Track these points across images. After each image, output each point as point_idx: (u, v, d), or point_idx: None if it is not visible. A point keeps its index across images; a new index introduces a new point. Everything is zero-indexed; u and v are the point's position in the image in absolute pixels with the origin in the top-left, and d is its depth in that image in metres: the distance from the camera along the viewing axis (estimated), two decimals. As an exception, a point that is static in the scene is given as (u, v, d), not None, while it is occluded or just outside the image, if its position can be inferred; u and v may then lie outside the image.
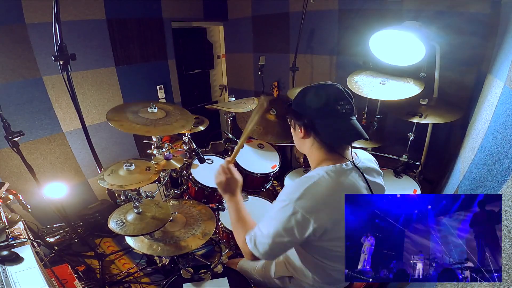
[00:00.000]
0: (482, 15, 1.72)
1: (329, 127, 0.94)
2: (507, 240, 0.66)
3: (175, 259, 1.43)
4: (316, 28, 2.55)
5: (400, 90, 1.79)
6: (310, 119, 0.96)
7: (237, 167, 1.95)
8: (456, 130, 1.92)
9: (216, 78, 3.67)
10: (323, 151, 0.99)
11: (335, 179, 0.91)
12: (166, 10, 2.75)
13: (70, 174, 2.43)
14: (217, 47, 3.50)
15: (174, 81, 3.02)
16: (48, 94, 2.18)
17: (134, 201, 1.30)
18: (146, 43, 2.69)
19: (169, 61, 2.92)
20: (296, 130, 1.02)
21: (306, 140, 1.01)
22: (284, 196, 0.91)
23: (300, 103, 0.98)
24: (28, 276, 1.04)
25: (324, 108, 0.93)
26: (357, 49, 2.12)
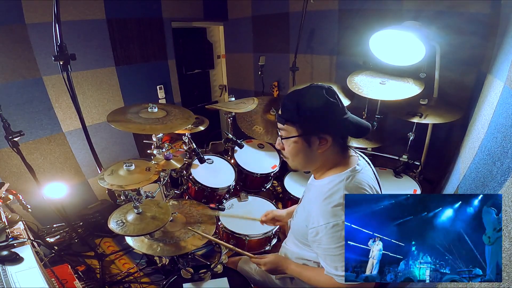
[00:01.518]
0: (482, 15, 1.72)
1: (342, 123, 0.93)
2: (507, 240, 0.66)
3: (175, 259, 1.43)
4: (316, 28, 2.55)
5: (400, 90, 1.79)
6: (323, 122, 0.92)
7: (237, 167, 1.96)
8: (456, 130, 1.92)
9: (216, 78, 3.67)
10: (336, 154, 0.97)
11: (360, 182, 0.92)
12: (166, 10, 2.75)
13: (70, 174, 2.43)
14: (217, 47, 3.50)
15: (174, 81, 3.02)
16: (48, 94, 2.18)
17: (134, 201, 1.30)
18: (146, 43, 2.69)
19: (169, 61, 2.92)
20: (314, 145, 0.94)
21: (323, 152, 0.94)
22: (324, 221, 0.88)
23: (311, 109, 0.91)
24: (28, 276, 1.04)
25: (328, 105, 0.91)
26: (357, 49, 2.12)
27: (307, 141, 0.94)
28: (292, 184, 2.00)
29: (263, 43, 3.08)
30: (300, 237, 1.09)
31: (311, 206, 0.96)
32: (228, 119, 2.05)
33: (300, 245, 1.12)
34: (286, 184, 1.99)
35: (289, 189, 1.92)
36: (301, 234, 1.07)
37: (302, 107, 0.92)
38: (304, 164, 1.01)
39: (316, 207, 0.92)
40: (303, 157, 0.98)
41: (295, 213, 1.18)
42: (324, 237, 0.89)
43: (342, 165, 0.97)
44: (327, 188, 0.92)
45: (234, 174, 1.92)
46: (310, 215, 0.95)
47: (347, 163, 0.97)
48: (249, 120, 2.19)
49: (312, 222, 0.92)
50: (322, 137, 0.92)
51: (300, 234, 1.08)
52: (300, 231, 1.08)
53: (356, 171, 0.94)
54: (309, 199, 1.06)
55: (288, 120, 0.95)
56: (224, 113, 2.06)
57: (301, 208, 1.10)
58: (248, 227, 1.64)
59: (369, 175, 0.98)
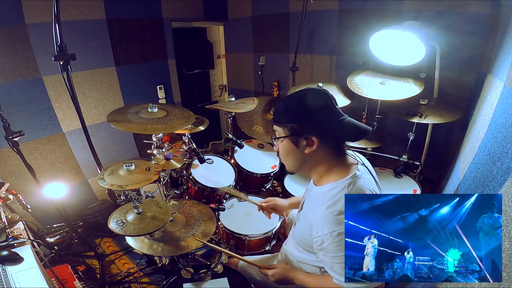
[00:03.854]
0: (482, 15, 1.72)
1: (333, 125, 0.92)
2: (507, 240, 0.67)
3: (175, 259, 1.43)
4: (316, 28, 2.56)
5: (400, 90, 1.79)
6: (316, 123, 0.92)
7: (237, 167, 1.96)
8: (456, 130, 1.93)
9: (216, 78, 3.67)
10: (330, 156, 0.97)
11: (362, 189, 0.92)
12: (166, 10, 2.75)
13: (70, 174, 2.43)
14: (217, 47, 3.50)
15: (174, 81, 3.02)
16: (48, 94, 2.18)
17: (134, 201, 1.30)
18: (146, 43, 2.69)
19: (169, 61, 2.92)
20: (301, 145, 0.94)
21: (312, 153, 0.94)
22: (329, 229, 0.88)
23: (298, 110, 0.93)
24: (28, 276, 1.04)
25: (325, 107, 0.92)
26: (357, 49, 2.12)
27: (295, 142, 0.95)
28: (292, 184, 2.00)
29: (263, 43, 3.08)
30: (304, 245, 1.09)
31: (314, 215, 0.96)
32: (228, 119, 2.05)
33: (302, 250, 1.12)
34: (286, 184, 1.99)
35: (289, 189, 1.92)
36: (306, 243, 1.07)
37: (289, 109, 0.95)
38: (294, 164, 1.01)
39: (319, 216, 0.92)
40: (292, 157, 0.99)
41: (297, 221, 1.17)
42: (329, 245, 0.89)
43: (342, 171, 0.96)
44: (329, 196, 0.92)
45: (234, 174, 1.92)
46: (313, 224, 0.94)
47: (347, 168, 0.97)
48: (249, 120, 2.19)
49: (317, 231, 0.92)
50: (308, 138, 0.92)
51: (304, 242, 1.08)
52: (304, 240, 1.08)
53: (356, 177, 0.93)
54: (310, 206, 1.05)
55: (277, 121, 0.98)
56: (224, 113, 2.06)
57: (302, 216, 1.10)
58: (248, 227, 1.64)
59: (370, 179, 0.98)
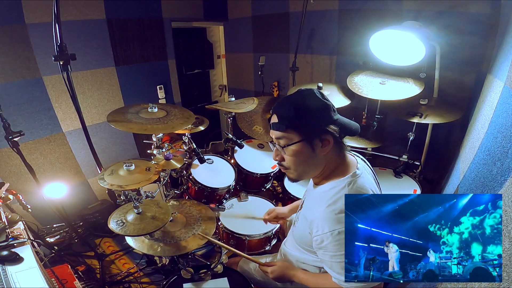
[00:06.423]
0: (482, 15, 1.72)
1: (336, 123, 0.94)
2: (507, 240, 0.67)
3: (175, 259, 1.43)
4: (316, 28, 2.55)
5: (400, 90, 1.79)
6: (323, 124, 0.92)
7: (237, 167, 1.96)
8: (456, 130, 1.92)
9: (216, 78, 3.67)
10: (337, 155, 0.97)
11: (362, 187, 0.92)
12: (166, 10, 2.75)
13: (70, 174, 2.43)
14: (217, 47, 3.50)
15: (174, 81, 3.02)
16: (48, 94, 2.18)
17: (134, 201, 1.30)
18: (146, 43, 2.69)
19: (169, 61, 2.92)
20: (317, 147, 0.93)
21: (326, 154, 0.94)
22: (329, 228, 0.88)
23: (309, 111, 0.92)
24: (28, 276, 1.04)
25: (326, 105, 0.93)
26: (357, 49, 2.12)
27: (310, 145, 0.93)
28: (292, 184, 1.98)
29: (263, 43, 3.08)
30: (304, 244, 1.09)
31: (314, 213, 0.96)
32: (228, 119, 2.05)
33: (301, 250, 1.11)
34: (286, 184, 1.98)
35: (289, 189, 1.91)
36: (305, 242, 1.07)
37: (300, 111, 0.91)
38: (308, 170, 0.99)
39: (319, 214, 0.92)
40: (307, 162, 0.96)
41: (296, 220, 1.17)
42: (329, 244, 0.89)
43: (342, 170, 0.97)
44: (329, 195, 0.92)
45: (234, 174, 1.92)
46: (313, 223, 0.94)
47: (347, 167, 0.98)
48: (249, 120, 2.19)
49: (317, 230, 0.92)
50: (324, 139, 0.92)
51: (304, 241, 1.07)
52: (303, 239, 1.07)
53: (356, 175, 0.93)
54: (310, 206, 1.05)
55: (288, 127, 0.93)
56: (224, 113, 2.06)
57: (302, 215, 1.10)
58: (248, 227, 1.64)
59: (369, 178, 0.99)
